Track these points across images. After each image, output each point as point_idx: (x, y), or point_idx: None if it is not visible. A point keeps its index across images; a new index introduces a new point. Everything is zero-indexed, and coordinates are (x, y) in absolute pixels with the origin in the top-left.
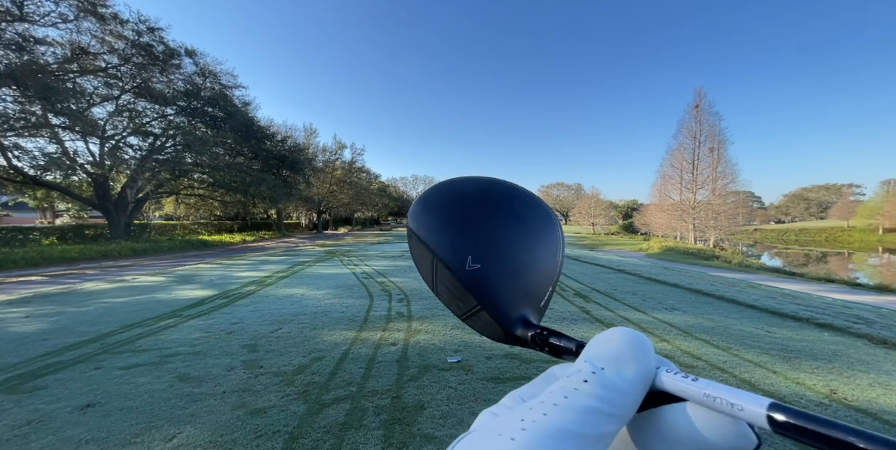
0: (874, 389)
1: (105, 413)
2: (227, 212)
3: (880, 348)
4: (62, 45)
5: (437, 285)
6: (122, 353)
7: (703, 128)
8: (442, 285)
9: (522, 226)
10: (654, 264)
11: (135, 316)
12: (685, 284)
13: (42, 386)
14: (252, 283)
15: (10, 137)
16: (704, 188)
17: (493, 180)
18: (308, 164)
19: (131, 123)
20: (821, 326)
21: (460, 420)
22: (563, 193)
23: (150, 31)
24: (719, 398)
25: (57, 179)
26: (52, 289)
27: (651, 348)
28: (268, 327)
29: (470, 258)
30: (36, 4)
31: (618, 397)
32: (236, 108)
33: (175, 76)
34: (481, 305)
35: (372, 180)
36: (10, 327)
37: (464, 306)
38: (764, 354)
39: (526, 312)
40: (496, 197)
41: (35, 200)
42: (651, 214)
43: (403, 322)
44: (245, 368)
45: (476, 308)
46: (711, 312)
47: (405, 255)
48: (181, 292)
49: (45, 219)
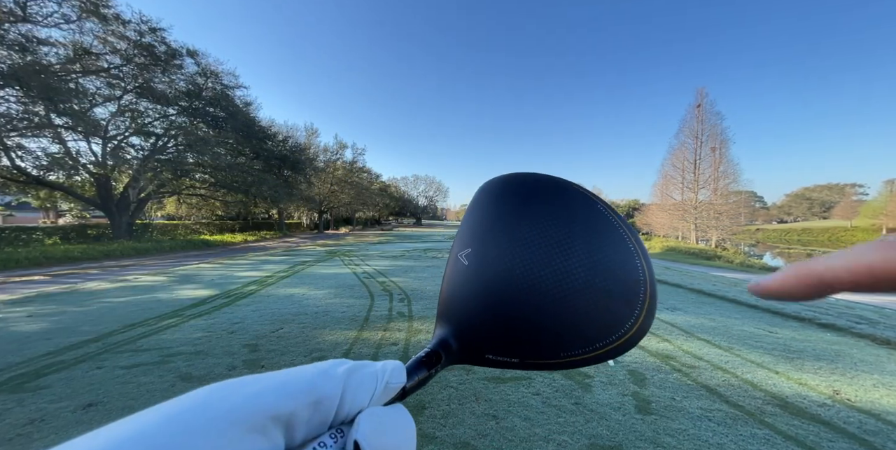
0: (877, 389)
1: (107, 412)
2: (228, 212)
3: (883, 348)
4: (65, 45)
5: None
6: (123, 352)
7: (705, 127)
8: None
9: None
10: (656, 264)
11: (136, 316)
12: (687, 284)
13: (44, 385)
14: (253, 282)
15: (13, 138)
16: (706, 188)
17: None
18: (309, 164)
19: (133, 124)
20: (823, 326)
21: (461, 420)
22: None
23: (152, 32)
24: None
25: (60, 179)
26: (55, 288)
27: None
28: (269, 327)
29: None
30: (39, 5)
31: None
32: (238, 109)
33: (177, 76)
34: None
35: (373, 180)
36: (13, 327)
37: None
38: (766, 354)
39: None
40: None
41: (38, 200)
42: (652, 213)
43: (404, 322)
44: (246, 367)
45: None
46: (713, 312)
47: (406, 254)
48: (183, 292)
49: (48, 219)
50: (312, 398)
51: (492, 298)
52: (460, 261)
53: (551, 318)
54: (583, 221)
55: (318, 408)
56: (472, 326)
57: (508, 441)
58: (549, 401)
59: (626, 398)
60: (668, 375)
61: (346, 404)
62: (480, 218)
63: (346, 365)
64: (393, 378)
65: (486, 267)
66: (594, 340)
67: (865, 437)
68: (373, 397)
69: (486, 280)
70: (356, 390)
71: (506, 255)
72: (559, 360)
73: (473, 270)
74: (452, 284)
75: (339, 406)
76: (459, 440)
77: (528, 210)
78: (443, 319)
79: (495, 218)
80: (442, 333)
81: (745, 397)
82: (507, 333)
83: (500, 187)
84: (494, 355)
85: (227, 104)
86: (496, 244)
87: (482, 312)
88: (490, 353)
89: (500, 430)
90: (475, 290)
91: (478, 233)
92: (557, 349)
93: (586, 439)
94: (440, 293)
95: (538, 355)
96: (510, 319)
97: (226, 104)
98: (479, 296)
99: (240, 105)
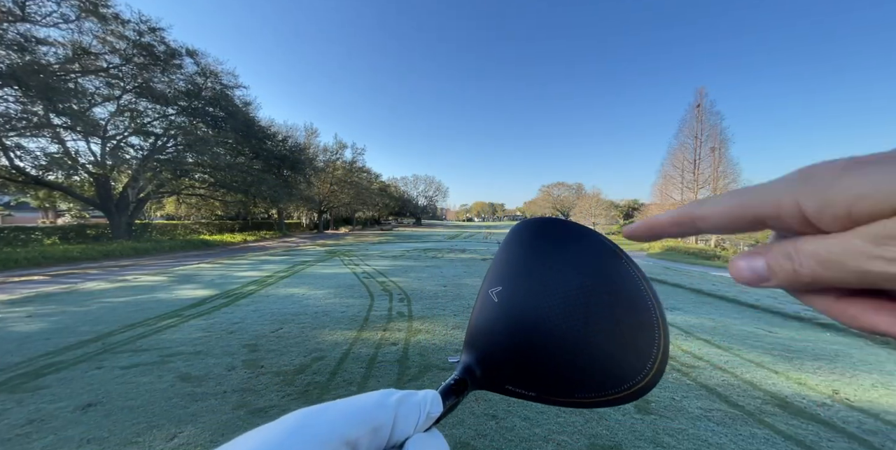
0: (877, 389)
1: (106, 413)
2: (228, 212)
3: (883, 348)
4: (64, 45)
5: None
6: (123, 352)
7: (705, 127)
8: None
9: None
10: (655, 264)
11: (136, 316)
12: (686, 284)
13: (44, 385)
14: (253, 282)
15: (12, 137)
16: (706, 188)
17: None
18: (309, 163)
19: (132, 123)
20: (823, 326)
21: (460, 420)
22: (563, 192)
23: (151, 32)
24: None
25: (59, 179)
26: (54, 288)
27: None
28: (268, 327)
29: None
30: (38, 5)
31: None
32: (237, 108)
33: (176, 76)
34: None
35: (373, 180)
36: (13, 327)
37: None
38: (766, 354)
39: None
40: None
41: (37, 200)
42: (652, 213)
43: (404, 322)
44: (246, 367)
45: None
46: (713, 311)
47: (406, 254)
48: (182, 292)
49: (47, 219)
50: (372, 426)
51: (517, 335)
52: (490, 297)
53: (569, 360)
54: (609, 275)
55: (376, 434)
56: (496, 357)
57: (508, 441)
58: None
59: None
60: (667, 374)
61: (397, 432)
62: (514, 258)
63: (395, 395)
64: (433, 408)
65: (514, 306)
66: (606, 387)
67: (864, 436)
68: (417, 425)
69: (513, 318)
70: (405, 419)
71: (534, 298)
72: (572, 399)
73: (502, 307)
74: (481, 318)
75: (391, 433)
76: (459, 440)
77: (560, 257)
78: (469, 348)
79: (528, 260)
80: (468, 360)
81: (745, 397)
82: (528, 368)
83: (536, 230)
84: (514, 386)
85: (226, 104)
86: (526, 286)
87: (507, 346)
88: (510, 384)
89: (500, 430)
90: (502, 326)
91: (510, 272)
92: (572, 390)
93: (586, 439)
94: (468, 324)
95: (554, 392)
96: (532, 355)
97: (225, 104)
98: (505, 332)
99: (239, 105)
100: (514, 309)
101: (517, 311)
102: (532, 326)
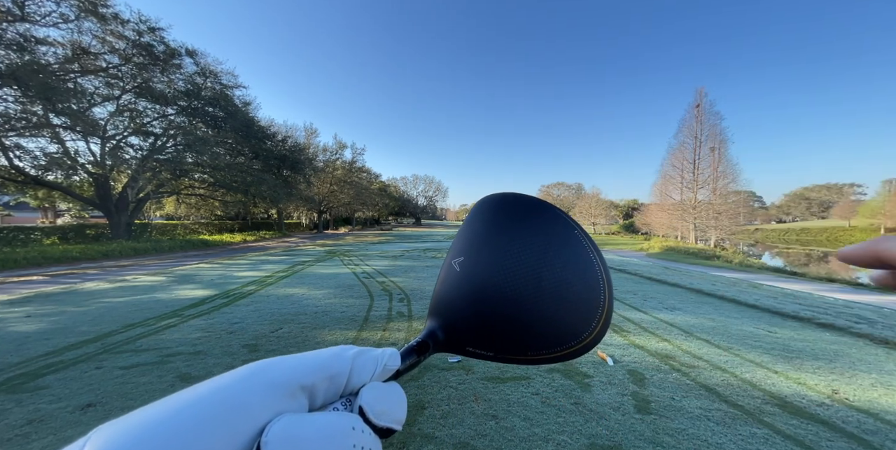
0: (876, 389)
1: (106, 413)
2: (227, 212)
3: (882, 347)
4: (63, 45)
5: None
6: (122, 352)
7: (704, 127)
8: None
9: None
10: (655, 264)
11: (135, 316)
12: (686, 284)
13: (43, 386)
14: (252, 282)
15: (11, 137)
16: (705, 188)
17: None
18: (308, 163)
19: (132, 123)
20: (822, 326)
21: (460, 420)
22: (563, 192)
23: (150, 31)
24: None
25: (58, 178)
26: (53, 288)
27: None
28: (268, 327)
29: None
30: (37, 5)
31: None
32: (237, 108)
33: (176, 76)
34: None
35: (372, 180)
36: (12, 327)
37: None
38: (765, 354)
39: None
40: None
41: (36, 200)
42: (652, 213)
43: (404, 322)
44: None
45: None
46: (712, 311)
47: (405, 254)
48: (182, 292)
49: (46, 219)
50: (328, 374)
51: (475, 300)
52: (453, 267)
53: (522, 322)
54: (561, 243)
55: (333, 381)
56: (457, 322)
57: (508, 441)
58: (549, 401)
59: (626, 398)
60: (667, 374)
61: (353, 380)
62: (475, 231)
63: (353, 350)
64: (390, 362)
65: (473, 274)
66: (556, 343)
67: (864, 436)
68: (373, 375)
69: (473, 285)
70: (361, 370)
71: (491, 266)
72: (526, 356)
73: (463, 276)
74: (444, 286)
75: (347, 381)
76: (459, 440)
77: (517, 228)
78: (433, 315)
79: (487, 232)
80: (431, 325)
81: (745, 397)
82: (486, 330)
83: (495, 205)
84: (473, 347)
85: (226, 104)
86: (485, 256)
87: (467, 311)
88: (470, 346)
89: (500, 430)
90: (462, 293)
91: (471, 244)
92: (525, 348)
93: (586, 439)
94: (433, 292)
95: (509, 351)
96: (489, 319)
97: (225, 104)
98: (466, 298)
99: (239, 105)
100: (475, 277)
101: (477, 278)
102: (490, 291)
